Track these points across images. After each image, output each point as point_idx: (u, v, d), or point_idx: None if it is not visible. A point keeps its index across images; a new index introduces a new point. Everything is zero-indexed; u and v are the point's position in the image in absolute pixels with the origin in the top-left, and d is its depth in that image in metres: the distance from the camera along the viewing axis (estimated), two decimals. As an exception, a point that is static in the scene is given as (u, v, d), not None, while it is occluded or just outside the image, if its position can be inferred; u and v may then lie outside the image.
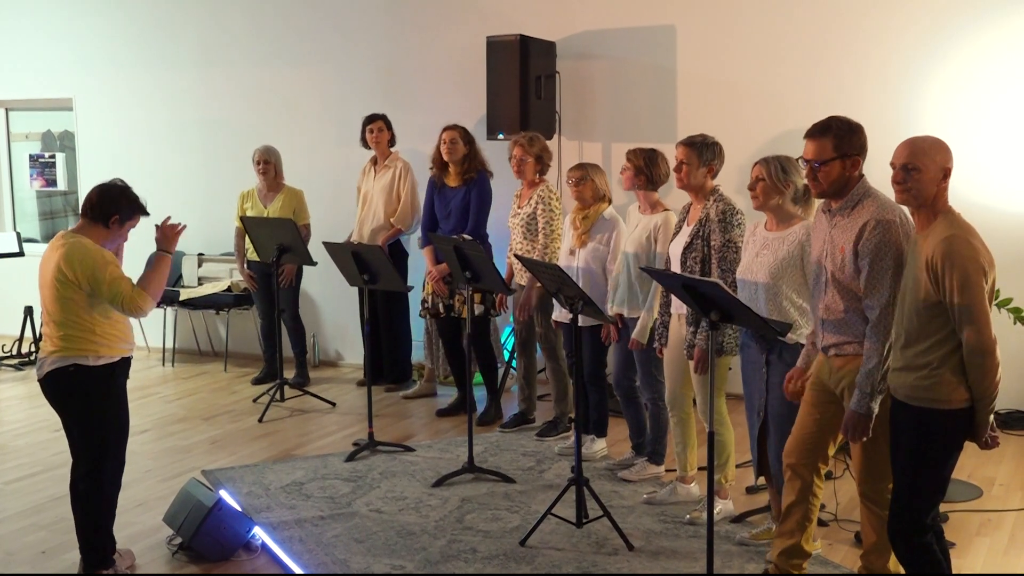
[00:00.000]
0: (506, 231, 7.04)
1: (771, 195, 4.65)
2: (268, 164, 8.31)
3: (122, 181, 4.71)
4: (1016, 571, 4.60)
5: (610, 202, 6.28)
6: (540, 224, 6.67)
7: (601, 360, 6.32)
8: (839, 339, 4.13)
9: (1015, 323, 6.23)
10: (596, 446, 6.44)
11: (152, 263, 4.68)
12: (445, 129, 7.25)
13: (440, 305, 7.33)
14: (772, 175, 4.63)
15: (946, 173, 3.66)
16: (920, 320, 3.66)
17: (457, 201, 7.22)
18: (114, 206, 4.60)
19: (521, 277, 6.76)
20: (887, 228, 3.92)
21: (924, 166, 3.63)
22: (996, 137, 7.03)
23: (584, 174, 6.20)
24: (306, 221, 8.29)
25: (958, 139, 3.78)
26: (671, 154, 5.42)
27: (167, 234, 4.77)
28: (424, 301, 7.49)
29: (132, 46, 9.84)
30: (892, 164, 3.70)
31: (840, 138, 4.02)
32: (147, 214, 4.75)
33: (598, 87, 8.19)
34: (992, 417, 3.69)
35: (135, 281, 4.56)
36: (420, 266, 7.79)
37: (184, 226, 4.86)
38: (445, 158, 7.26)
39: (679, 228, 5.40)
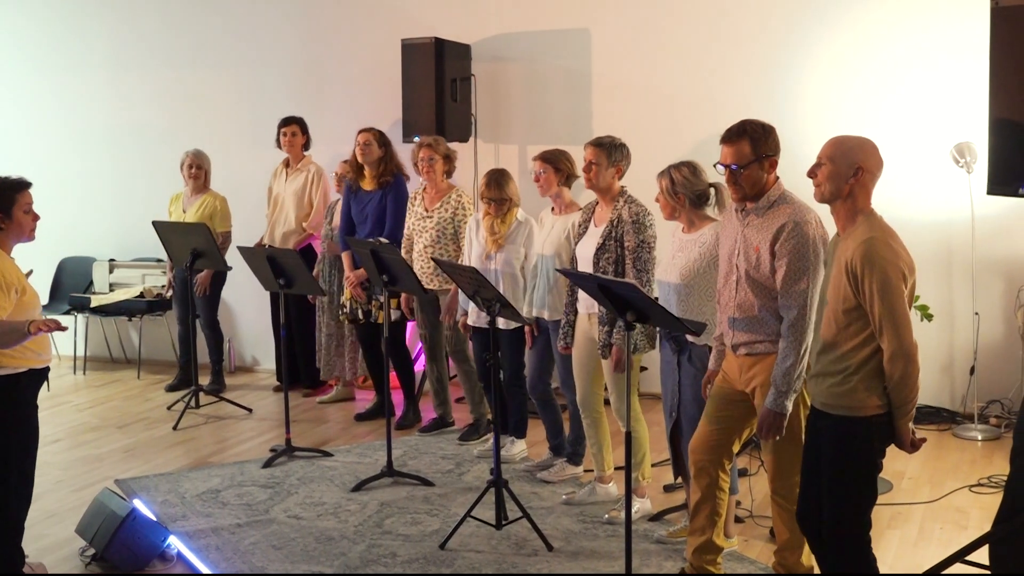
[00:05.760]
0: None
1: (670, 207, 4.83)
2: (200, 169, 8.18)
3: None
4: (925, 562, 4.69)
5: (518, 205, 6.32)
6: (456, 231, 6.67)
7: (521, 363, 6.34)
8: (751, 337, 4.18)
9: (922, 320, 6.40)
10: (516, 448, 6.46)
11: (13, 324, 4.28)
12: (360, 132, 7.18)
13: (359, 311, 7.27)
14: (665, 190, 4.82)
15: (858, 170, 3.62)
16: (838, 325, 3.65)
17: (373, 205, 7.13)
18: None
19: (432, 282, 6.71)
20: (804, 229, 3.99)
21: (831, 160, 3.65)
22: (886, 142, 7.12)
23: (505, 205, 6.16)
24: (227, 228, 8.15)
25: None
26: (580, 156, 5.47)
27: (41, 327, 4.28)
28: (343, 306, 7.37)
29: (41, 48, 9.63)
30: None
31: (756, 140, 4.07)
32: (28, 185, 4.51)
33: (513, 90, 8.22)
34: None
35: None
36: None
37: (62, 329, 4.36)
38: (359, 160, 7.19)
39: (584, 228, 5.44)
